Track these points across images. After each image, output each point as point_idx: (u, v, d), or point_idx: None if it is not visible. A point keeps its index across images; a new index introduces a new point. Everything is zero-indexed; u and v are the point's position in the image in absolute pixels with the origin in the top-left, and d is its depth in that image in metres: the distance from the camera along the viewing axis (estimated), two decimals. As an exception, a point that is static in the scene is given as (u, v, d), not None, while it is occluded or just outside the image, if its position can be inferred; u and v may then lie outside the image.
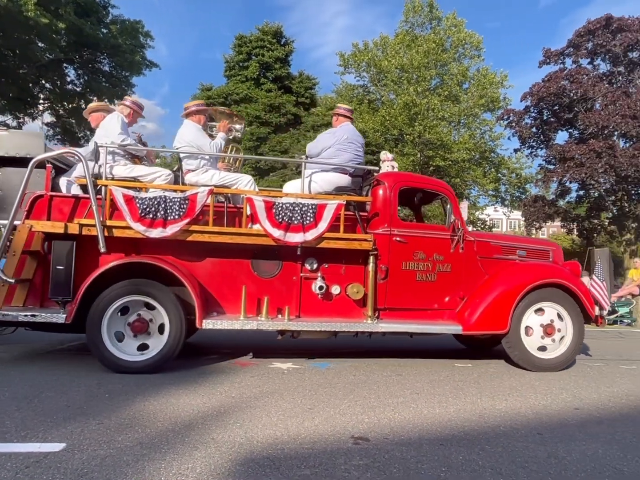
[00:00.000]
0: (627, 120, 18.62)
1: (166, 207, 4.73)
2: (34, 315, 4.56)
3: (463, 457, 2.84)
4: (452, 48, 24.05)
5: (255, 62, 23.57)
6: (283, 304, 5.14)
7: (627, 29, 19.95)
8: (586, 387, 4.68)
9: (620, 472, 2.72)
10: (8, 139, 5.26)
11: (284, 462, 2.67)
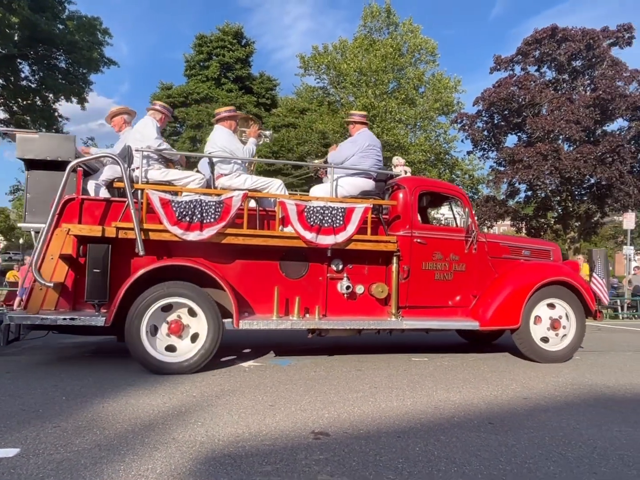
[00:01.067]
0: (570, 125, 19.38)
1: (202, 211, 4.73)
2: (72, 318, 4.48)
3: (420, 448, 2.89)
4: (408, 53, 24.41)
5: (216, 62, 23.24)
6: (310, 304, 5.23)
7: (571, 39, 20.77)
8: (534, 378, 4.85)
9: (565, 457, 2.83)
10: (39, 142, 5.10)
11: (245, 459, 2.65)
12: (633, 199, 19.42)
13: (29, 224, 5.02)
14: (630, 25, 20.75)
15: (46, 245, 4.56)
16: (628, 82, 20.34)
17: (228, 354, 5.66)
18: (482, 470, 2.61)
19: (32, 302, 4.54)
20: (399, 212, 5.57)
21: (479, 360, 5.74)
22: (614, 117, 20.58)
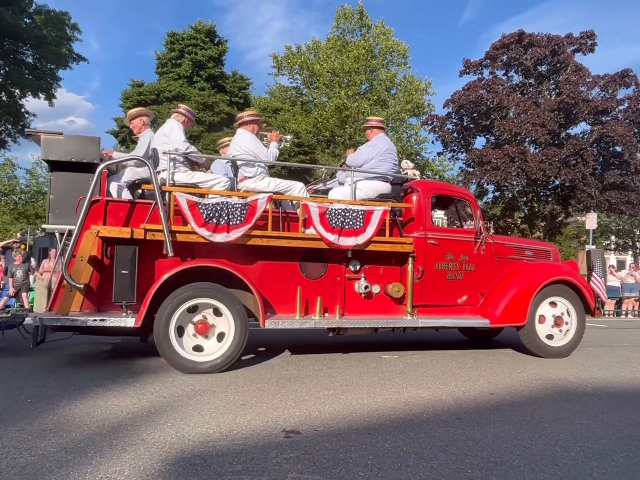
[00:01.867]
0: (536, 128, 19.84)
1: (228, 213, 4.80)
2: (103, 319, 4.48)
3: (389, 445, 2.91)
4: (380, 55, 24.60)
5: (188, 60, 22.90)
6: (329, 303, 5.34)
7: (537, 45, 21.26)
8: (500, 373, 4.95)
9: (529, 450, 2.89)
10: (64, 144, 5.03)
11: (215, 459, 2.62)
12: (595, 200, 20.00)
13: (53, 225, 4.98)
14: (592, 33, 21.37)
15: (76, 247, 4.51)
16: (590, 87, 20.93)
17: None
18: (449, 464, 2.64)
19: (61, 304, 4.49)
20: (413, 214, 5.74)
21: (448, 357, 5.82)
22: (577, 121, 21.17)
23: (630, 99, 20.47)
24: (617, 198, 19.76)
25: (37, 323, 4.43)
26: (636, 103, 20.20)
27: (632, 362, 5.80)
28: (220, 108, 22.03)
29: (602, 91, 21.01)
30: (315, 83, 24.89)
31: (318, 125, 23.59)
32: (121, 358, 5.34)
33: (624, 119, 20.19)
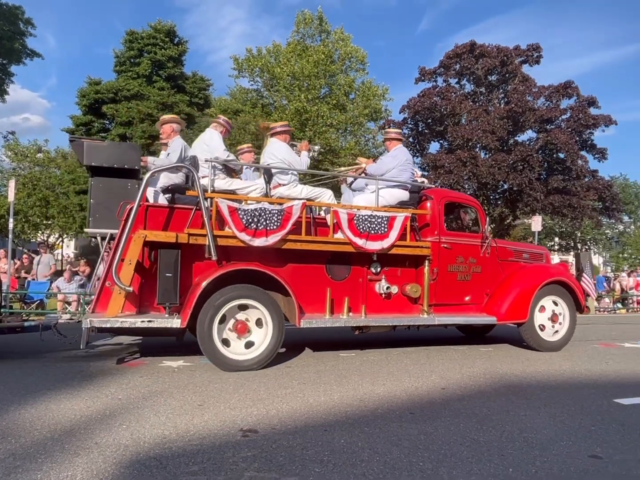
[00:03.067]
0: (487, 134, 20.47)
1: (266, 218, 4.98)
2: (150, 321, 4.56)
3: (345, 441, 2.93)
4: (339, 60, 24.72)
5: (147, 59, 22.33)
6: (352, 303, 5.54)
7: (487, 55, 21.93)
8: (452, 369, 5.08)
9: (477, 442, 2.98)
10: (106, 150, 5.15)
11: (171, 460, 2.57)
12: (540, 203, 20.80)
13: (94, 229, 5.06)
14: (538, 45, 22.25)
15: (124, 251, 4.56)
16: (536, 97, 21.79)
17: (157, 355, 5.47)
18: (402, 458, 2.69)
19: (110, 306, 4.54)
20: (427, 220, 6.06)
21: (402, 354, 5.92)
22: (524, 128, 21.96)
23: (572, 109, 21.43)
24: (560, 202, 20.62)
25: (87, 325, 4.43)
26: (577, 113, 21.16)
27: (573, 356, 6.07)
28: (180, 108, 21.58)
29: (547, 101, 21.91)
30: (275, 86, 24.77)
31: None
32: (76, 361, 5.15)
33: (566, 128, 21.11)
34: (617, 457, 2.78)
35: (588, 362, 5.64)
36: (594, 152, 22.22)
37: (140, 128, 20.38)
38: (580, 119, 21.02)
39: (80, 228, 23.92)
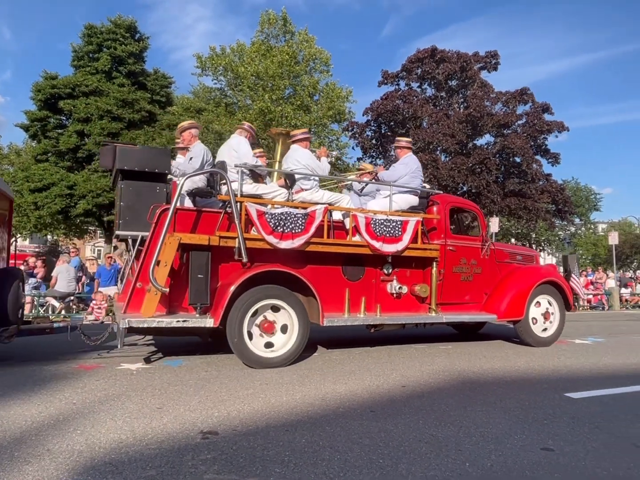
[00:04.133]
0: (447, 138, 20.95)
1: (292, 222, 5.20)
2: (185, 320, 4.70)
3: (306, 440, 2.92)
4: (304, 61, 24.72)
5: (107, 54, 21.65)
6: (367, 303, 5.75)
7: (448, 60, 22.45)
8: (412, 367, 5.15)
9: (435, 437, 3.03)
10: (138, 154, 5.23)
11: (127, 465, 2.49)
12: (497, 205, 21.44)
13: (124, 231, 5.14)
14: (496, 53, 22.95)
15: (160, 253, 4.64)
16: (494, 102, 22.45)
17: (115, 357, 5.31)
18: (362, 455, 2.70)
19: (146, 307, 4.60)
20: (434, 224, 6.37)
21: (364, 353, 5.96)
22: (482, 132, 22.61)
23: (527, 115, 22.20)
24: (516, 204, 21.32)
25: (125, 325, 4.46)
26: (532, 119, 21.93)
27: (527, 352, 6.27)
28: (140, 105, 21.05)
29: (504, 106, 22.62)
30: (239, 85, 24.54)
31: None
32: (27, 364, 4.94)
33: (522, 133, 21.85)
34: (568, 449, 2.88)
35: (541, 358, 5.84)
36: (547, 157, 23.10)
37: (100, 125, 19.76)
38: (535, 124, 21.80)
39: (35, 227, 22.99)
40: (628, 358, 5.96)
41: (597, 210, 43.76)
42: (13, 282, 4.94)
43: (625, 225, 38.10)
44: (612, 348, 6.80)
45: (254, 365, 4.89)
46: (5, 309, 4.69)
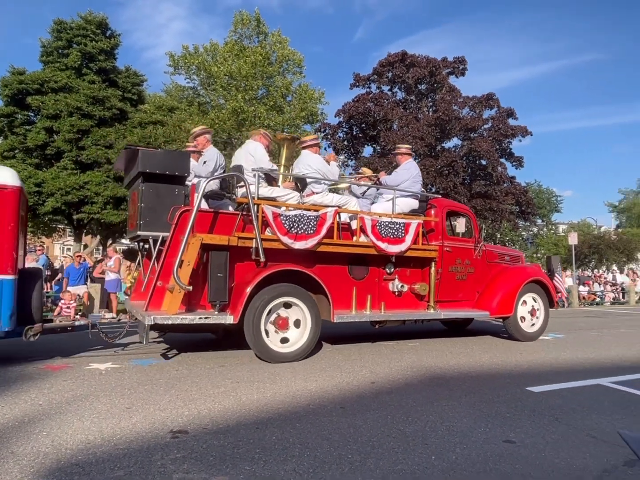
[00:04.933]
0: (416, 140, 21.18)
1: (305, 223, 5.40)
2: (207, 317, 4.85)
3: (276, 437, 2.91)
4: (277, 63, 24.61)
5: (77, 50, 20.99)
6: (369, 300, 5.96)
7: (417, 65, 22.70)
8: (381, 363, 5.19)
9: (403, 432, 3.06)
10: (160, 158, 5.31)
11: (95, 466, 2.43)
12: (464, 206, 21.84)
13: (145, 232, 5.22)
14: (463, 58, 23.33)
15: (184, 253, 4.73)
16: (461, 106, 22.83)
17: (82, 357, 5.18)
18: (332, 451, 2.71)
19: (171, 304, 4.72)
20: (432, 226, 6.67)
21: (335, 350, 5.98)
22: (450, 136, 22.95)
23: (493, 119, 22.66)
24: (482, 205, 21.73)
25: (150, 322, 4.55)
26: (498, 123, 22.40)
27: (492, 348, 6.41)
28: (111, 103, 20.50)
29: (471, 111, 23.03)
30: (212, 85, 24.24)
31: (215, 127, 22.99)
32: (-9, 365, 4.76)
33: (488, 137, 22.29)
34: (528, 440, 2.96)
35: (505, 354, 5.98)
36: (512, 160, 23.63)
37: (69, 122, 19.16)
38: (500, 128, 22.27)
39: None
40: (585, 353, 6.17)
41: (558, 212, 45.11)
42: (36, 282, 5.02)
43: (584, 226, 39.38)
44: (571, 344, 7.02)
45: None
46: (30, 308, 4.80)
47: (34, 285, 4.92)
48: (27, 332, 4.72)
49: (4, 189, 4.60)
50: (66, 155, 18.94)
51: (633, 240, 32.04)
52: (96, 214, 18.78)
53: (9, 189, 4.61)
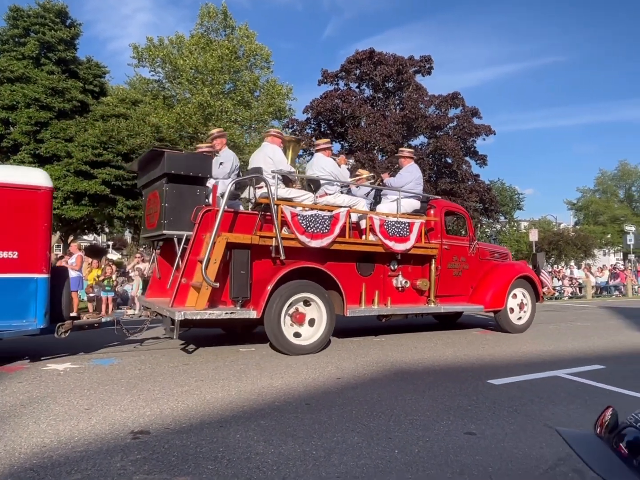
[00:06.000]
0: (384, 137, 21.38)
1: (320, 223, 5.70)
2: (232, 312, 5.10)
3: (240, 435, 2.89)
4: (244, 57, 24.34)
5: (35, 39, 20.19)
6: (375, 295, 6.30)
7: (385, 63, 22.87)
8: (347, 359, 5.22)
9: (367, 427, 3.09)
10: (184, 160, 5.50)
11: (50, 470, 2.35)
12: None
13: (170, 230, 5.38)
14: (429, 57, 23.65)
15: (212, 251, 4.90)
16: (428, 105, 23.16)
17: (42, 358, 5.00)
18: (296, 448, 2.71)
19: (199, 300, 4.90)
20: (432, 225, 7.05)
21: (302, 346, 5.96)
22: (417, 133, 23.27)
23: (458, 118, 23.09)
24: (447, 203, 22.14)
25: (180, 317, 4.72)
26: (463, 122, 22.84)
27: (455, 342, 6.54)
28: (72, 95, 19.81)
29: (437, 109, 23.38)
30: (178, 78, 23.76)
31: (181, 121, 22.57)
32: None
33: (453, 135, 22.71)
34: (489, 432, 3.04)
35: (467, 348, 6.11)
36: (476, 159, 24.14)
37: (26, 113, 18.41)
38: (465, 127, 22.71)
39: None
40: (544, 346, 6.37)
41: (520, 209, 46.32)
42: (64, 280, 5.18)
43: (544, 223, 40.62)
44: (531, 337, 7.25)
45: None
46: (60, 305, 4.95)
47: (63, 283, 5.05)
48: (58, 329, 4.85)
49: (38, 190, 4.70)
50: (24, 149, 18.20)
51: (590, 237, 33.31)
52: (55, 210, 18.15)
53: (42, 190, 4.73)
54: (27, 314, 4.57)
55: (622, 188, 47.07)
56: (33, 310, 4.59)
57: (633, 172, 45.73)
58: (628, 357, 5.72)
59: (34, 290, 4.59)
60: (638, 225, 35.78)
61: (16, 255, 4.54)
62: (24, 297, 4.56)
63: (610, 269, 23.25)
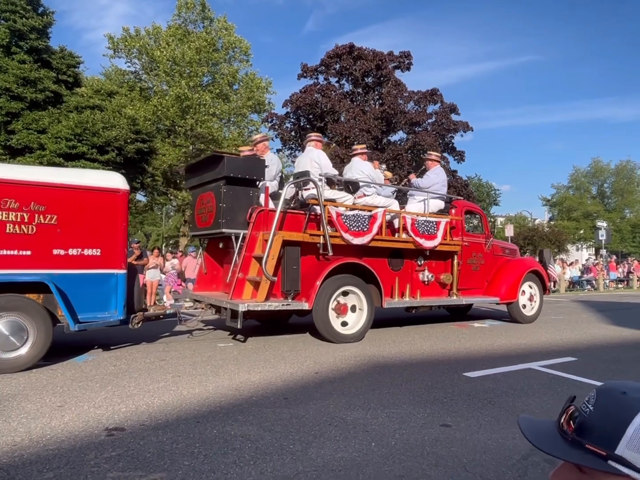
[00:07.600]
0: (363, 133, 21.41)
1: (361, 222, 6.18)
2: (288, 304, 5.60)
3: (217, 430, 2.87)
4: (223, 49, 24.06)
5: (5, 27, 19.57)
6: (405, 288, 6.87)
7: (364, 58, 22.85)
8: (325, 353, 5.24)
9: (345, 420, 3.11)
10: (241, 163, 5.93)
11: (21, 469, 2.30)
12: (408, 199, 22.34)
13: (228, 229, 5.75)
14: (409, 53, 23.75)
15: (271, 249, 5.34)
16: (407, 101, 23.28)
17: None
18: (274, 442, 2.71)
19: (260, 294, 5.41)
20: (454, 224, 7.54)
21: (280, 341, 5.98)
22: (396, 129, 23.37)
23: (437, 114, 23.27)
24: (425, 198, 22.33)
25: (244, 308, 5.16)
26: (441, 118, 23.03)
27: (432, 336, 6.62)
28: (44, 85, 19.30)
29: (416, 105, 23.52)
30: (155, 70, 23.36)
31: (158, 114, 22.21)
32: None
33: (432, 131, 22.88)
34: (463, 424, 3.09)
35: (444, 342, 6.20)
36: (454, 154, 24.38)
37: (-4, 104, 17.88)
38: (444, 123, 22.90)
39: None
40: (519, 339, 6.50)
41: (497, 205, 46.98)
42: (135, 275, 5.55)
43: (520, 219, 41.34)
44: (506, 330, 7.38)
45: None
46: (132, 298, 5.23)
47: (134, 279, 5.38)
48: (132, 320, 5.18)
49: (117, 192, 5.00)
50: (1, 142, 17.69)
51: (564, 232, 34.04)
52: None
53: (121, 192, 5.03)
54: (109, 306, 4.93)
55: (595, 185, 48.17)
56: (114, 303, 4.95)
57: (605, 169, 46.81)
58: (599, 349, 5.88)
59: (114, 284, 4.95)
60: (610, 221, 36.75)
61: (99, 253, 4.89)
62: (106, 291, 4.92)
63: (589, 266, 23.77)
